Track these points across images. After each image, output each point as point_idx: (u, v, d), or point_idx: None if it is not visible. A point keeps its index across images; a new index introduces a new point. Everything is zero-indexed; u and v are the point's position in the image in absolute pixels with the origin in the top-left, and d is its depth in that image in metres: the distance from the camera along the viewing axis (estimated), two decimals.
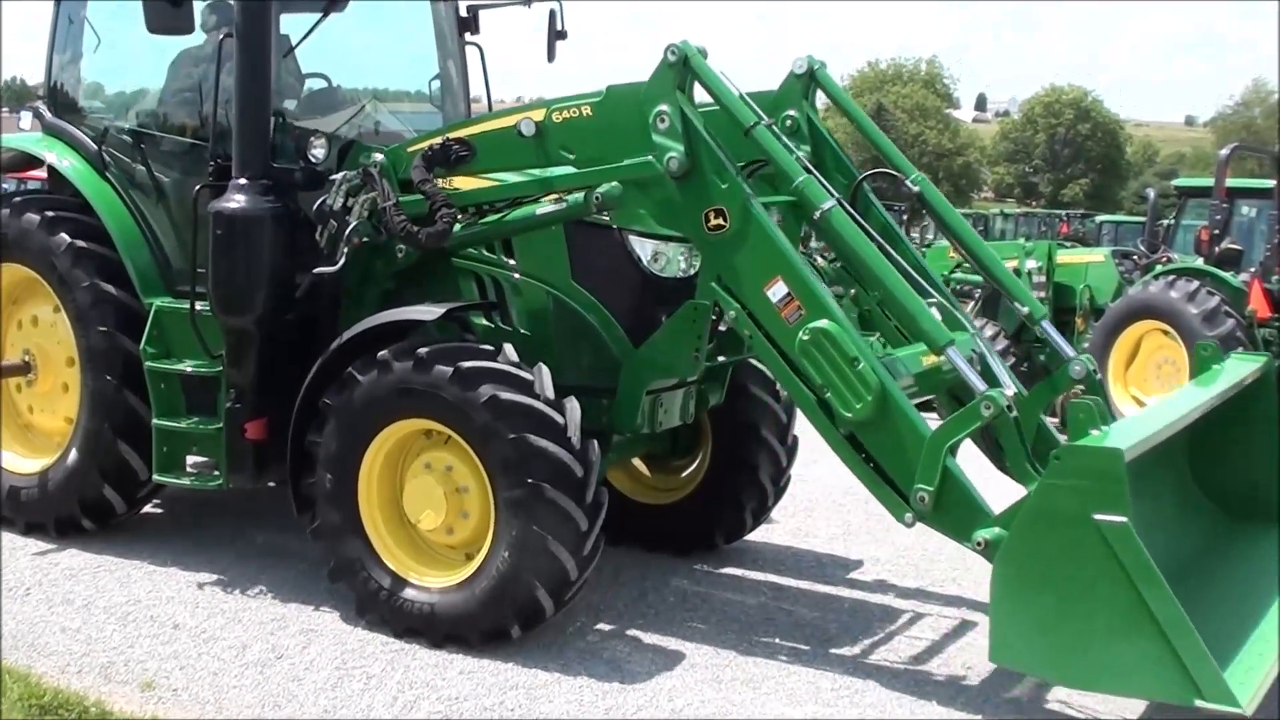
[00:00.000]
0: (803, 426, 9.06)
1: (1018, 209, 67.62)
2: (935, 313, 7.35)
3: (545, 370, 7.44)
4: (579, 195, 7.71)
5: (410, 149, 8.21)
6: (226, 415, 8.41)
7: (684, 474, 9.58)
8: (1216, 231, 17.03)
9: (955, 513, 6.81)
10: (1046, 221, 48.96)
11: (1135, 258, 19.20)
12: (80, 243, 9.11)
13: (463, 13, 10.18)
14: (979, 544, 6.63)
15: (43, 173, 10.24)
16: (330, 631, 7.87)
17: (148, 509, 9.93)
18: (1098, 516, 5.82)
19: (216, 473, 8.61)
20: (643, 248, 7.96)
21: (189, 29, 8.43)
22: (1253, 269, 16.80)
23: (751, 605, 8.65)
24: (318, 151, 8.64)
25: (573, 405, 7.38)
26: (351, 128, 9.23)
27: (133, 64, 10.03)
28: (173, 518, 10.21)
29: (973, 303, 19.73)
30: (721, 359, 8.42)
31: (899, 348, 7.89)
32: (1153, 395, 16.26)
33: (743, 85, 7.74)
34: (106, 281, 9.05)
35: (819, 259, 8.62)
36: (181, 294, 8.86)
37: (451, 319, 7.86)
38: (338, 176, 8.21)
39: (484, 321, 8.30)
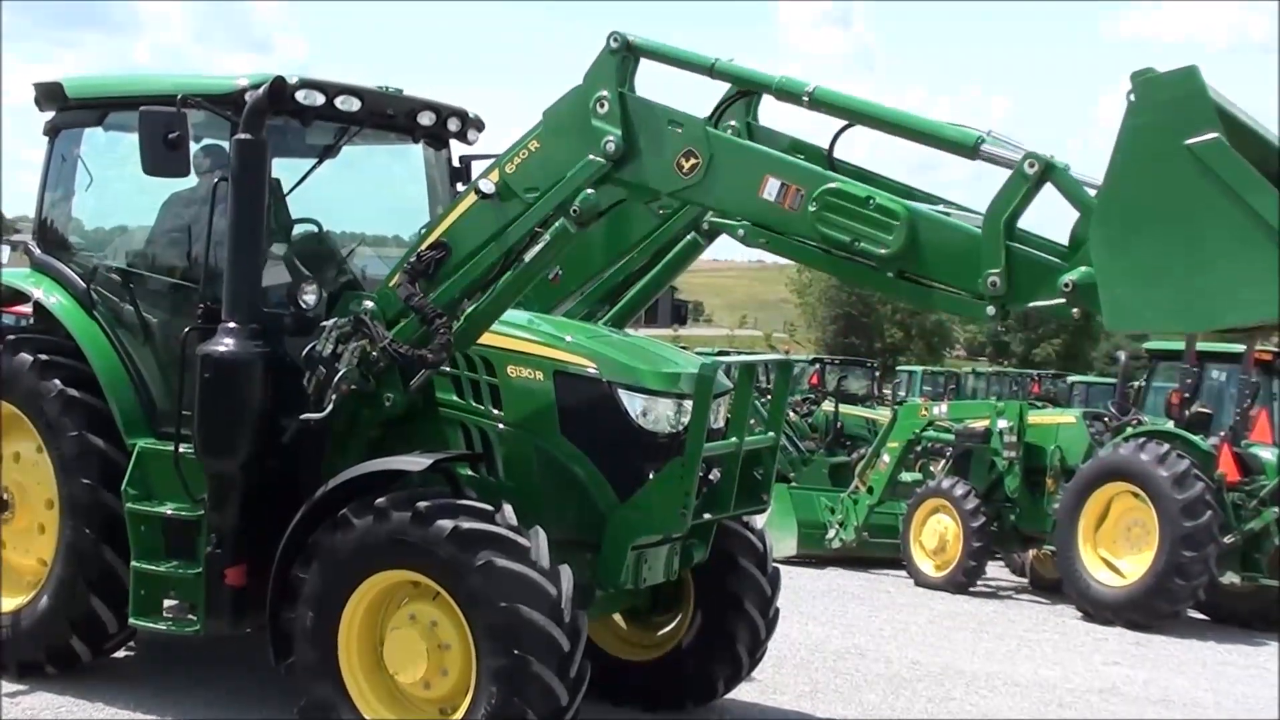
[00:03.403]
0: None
1: (990, 368, 67.86)
2: None
3: (542, 535, 7.40)
4: (558, 223, 7.74)
5: (391, 284, 8.21)
6: (207, 560, 8.33)
7: (660, 633, 9.53)
8: (1187, 395, 17.15)
9: (1031, 277, 6.56)
10: (1018, 381, 49.16)
11: (1106, 419, 19.25)
12: (71, 391, 9.08)
13: (455, 162, 10.27)
14: (1066, 286, 6.38)
15: (26, 308, 10.23)
16: None
17: None
18: (1189, 141, 5.60)
19: (193, 618, 8.49)
20: (632, 402, 8.01)
21: (185, 172, 8.50)
22: (1222, 433, 16.86)
23: None
24: (309, 298, 8.70)
25: (567, 575, 7.35)
26: (343, 275, 9.26)
27: (124, 203, 10.12)
28: (138, 659, 10.08)
29: (944, 461, 19.79)
30: (707, 516, 8.40)
31: None
32: (1123, 558, 16.26)
33: None
34: (94, 433, 9.02)
35: None
36: (165, 435, 8.82)
37: (438, 470, 7.85)
38: (328, 323, 8.22)
39: (469, 472, 8.28)
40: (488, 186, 7.88)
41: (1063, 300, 6.44)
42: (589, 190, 7.62)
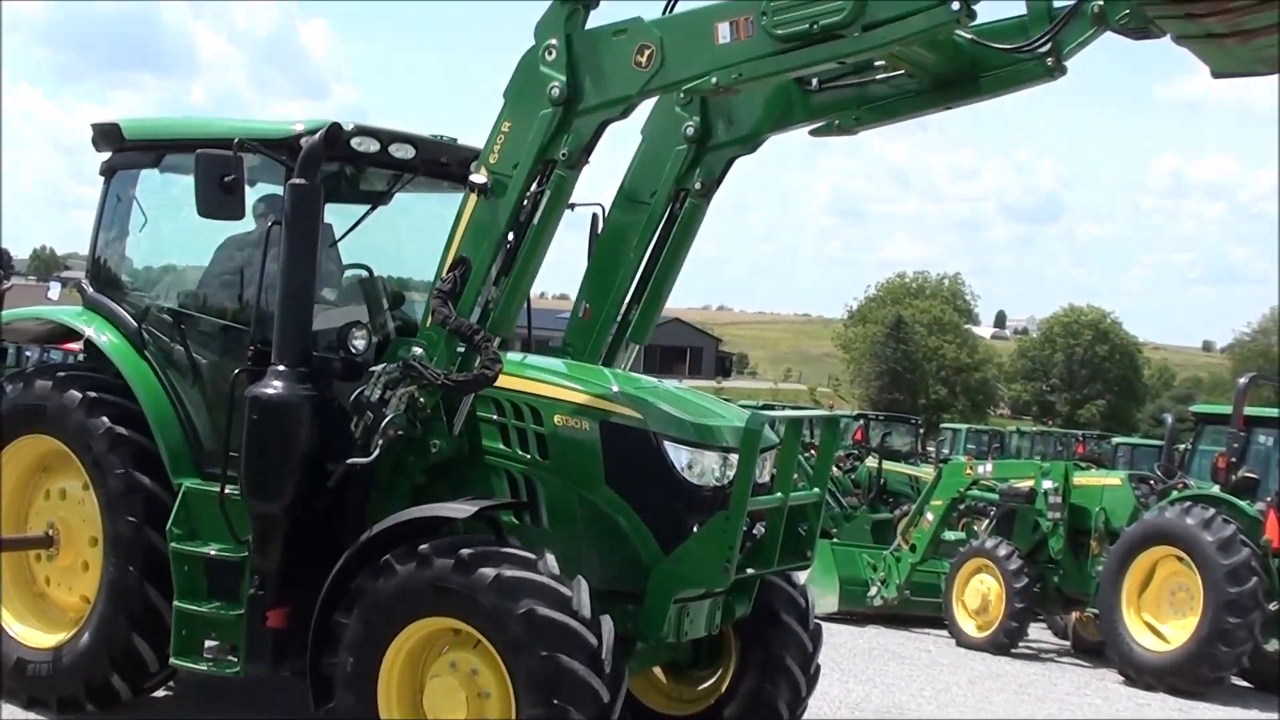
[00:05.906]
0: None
1: (1034, 427, 67.64)
2: None
3: (584, 585, 7.39)
4: (554, 175, 7.93)
5: (429, 322, 8.23)
6: (249, 602, 8.33)
7: (701, 687, 9.40)
8: (1233, 459, 17.05)
9: None
10: (1063, 441, 49.09)
11: (1151, 482, 19.19)
12: (119, 429, 9.11)
13: None
14: None
15: (77, 345, 10.28)
16: None
17: None
18: None
19: (233, 659, 8.48)
20: (678, 454, 7.97)
21: (239, 215, 8.53)
22: (1269, 498, 16.77)
23: None
24: (358, 343, 8.73)
25: (608, 625, 7.33)
26: (393, 320, 9.30)
27: (177, 244, 10.16)
28: (178, 699, 10.09)
29: (987, 520, 19.71)
30: (750, 571, 8.34)
31: None
32: (1167, 623, 16.15)
33: None
34: (141, 471, 9.04)
35: None
36: (211, 476, 8.84)
37: (482, 517, 7.85)
38: (377, 369, 8.26)
39: (513, 519, 8.27)
40: (481, 178, 8.00)
41: None
42: (576, 132, 7.82)
